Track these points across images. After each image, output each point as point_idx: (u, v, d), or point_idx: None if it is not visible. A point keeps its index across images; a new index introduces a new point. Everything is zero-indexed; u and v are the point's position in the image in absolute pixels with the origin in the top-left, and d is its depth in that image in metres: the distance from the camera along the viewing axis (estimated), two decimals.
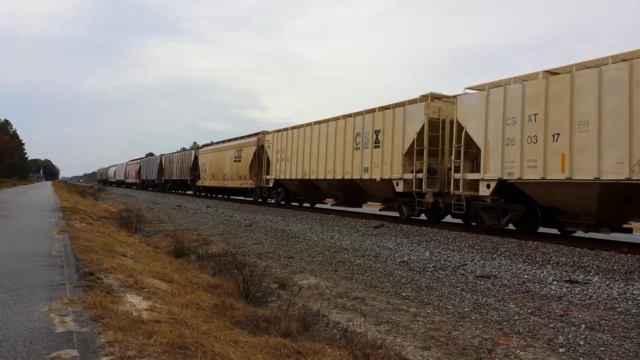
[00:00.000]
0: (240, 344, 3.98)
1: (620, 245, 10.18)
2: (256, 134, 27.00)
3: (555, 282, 7.61)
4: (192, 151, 39.40)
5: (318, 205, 23.55)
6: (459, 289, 7.46)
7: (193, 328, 4.23)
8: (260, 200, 26.65)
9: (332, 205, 21.87)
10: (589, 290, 7.10)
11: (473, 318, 5.99)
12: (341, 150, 17.78)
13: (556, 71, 10.90)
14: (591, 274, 7.94)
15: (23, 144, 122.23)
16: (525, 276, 8.10)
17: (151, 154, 78.74)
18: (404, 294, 7.20)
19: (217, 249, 10.91)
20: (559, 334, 5.32)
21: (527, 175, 10.81)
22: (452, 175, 13.10)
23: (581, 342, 5.06)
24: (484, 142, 11.95)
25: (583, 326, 5.59)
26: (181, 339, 3.82)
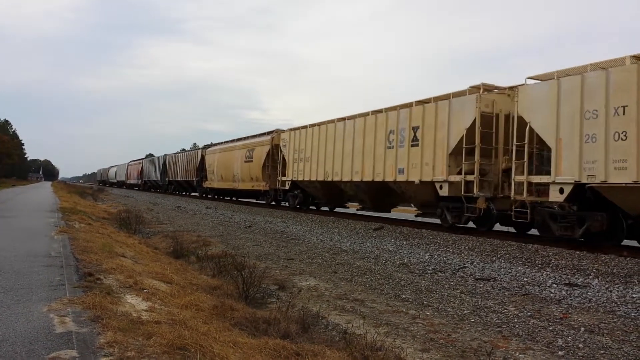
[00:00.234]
0: (239, 345, 3.98)
1: (620, 248, 10.18)
2: (270, 133, 25.35)
3: (554, 285, 7.61)
4: (199, 151, 37.59)
5: (339, 209, 21.73)
6: (459, 292, 7.46)
7: (192, 329, 4.23)
8: (273, 203, 25.11)
9: (358, 210, 19.76)
10: (589, 293, 7.10)
11: (472, 320, 5.99)
12: (371, 149, 16.22)
13: None
14: (591, 277, 7.95)
15: (22, 144, 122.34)
16: (524, 279, 8.10)
17: (151, 155, 78.48)
18: (404, 296, 7.20)
19: (217, 250, 10.90)
20: (558, 337, 5.31)
21: (614, 178, 9.27)
22: (514, 177, 11.41)
23: (580, 345, 5.06)
24: (555, 140, 10.40)
25: (582, 329, 5.59)
26: (180, 340, 3.82)
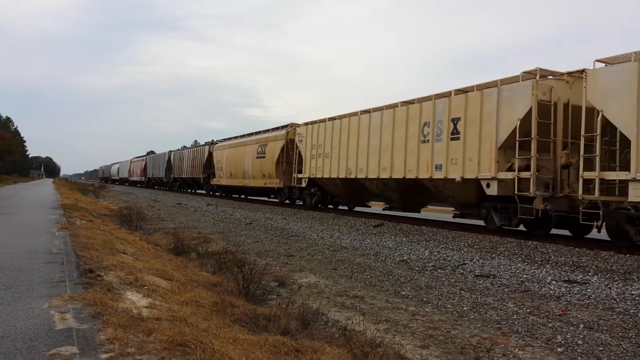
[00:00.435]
0: (239, 342, 3.99)
1: (619, 245, 10.17)
2: (284, 127, 23.90)
3: (554, 282, 7.62)
4: (206, 147, 36.10)
5: (360, 208, 20.37)
6: (458, 288, 7.47)
7: (193, 325, 4.24)
8: (287, 202, 23.76)
9: (384, 209, 18.31)
10: (588, 290, 7.11)
11: (472, 317, 6.00)
12: (401, 143, 14.84)
13: None
14: (590, 274, 7.96)
15: (24, 141, 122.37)
16: (524, 276, 8.11)
17: (152, 152, 78.31)
18: (403, 293, 7.21)
19: (217, 247, 10.93)
20: (558, 334, 5.33)
21: None
22: (582, 174, 10.21)
23: (579, 342, 5.07)
24: (636, 130, 9.25)
25: (581, 326, 5.61)
26: (181, 337, 3.84)
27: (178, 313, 4.68)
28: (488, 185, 11.92)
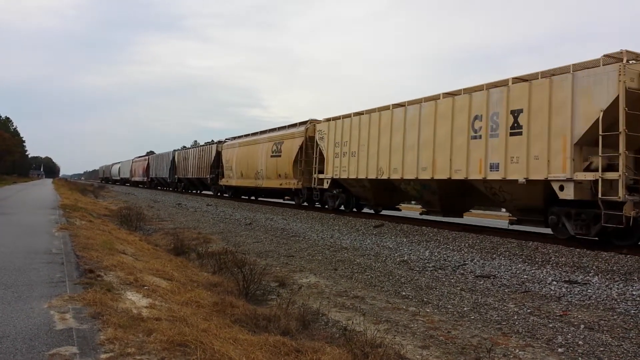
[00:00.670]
0: (239, 342, 3.99)
1: (620, 246, 10.16)
2: (303, 123, 22.07)
3: (554, 283, 7.61)
4: (214, 146, 34.25)
5: (387, 212, 18.52)
6: (459, 289, 7.47)
7: (193, 326, 4.24)
8: (306, 204, 22.04)
9: (421, 214, 16.13)
10: (589, 290, 7.10)
11: (472, 317, 6.00)
12: (446, 140, 13.04)
13: None
14: (590, 275, 7.95)
15: (24, 142, 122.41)
16: (524, 276, 8.11)
17: (152, 152, 78.14)
18: (404, 293, 7.21)
19: (217, 247, 10.93)
20: (558, 334, 5.32)
21: None
22: None
23: (580, 342, 5.07)
24: None
25: (582, 326, 5.60)
26: (181, 337, 3.83)
27: (178, 313, 4.67)
28: (561, 187, 10.15)
